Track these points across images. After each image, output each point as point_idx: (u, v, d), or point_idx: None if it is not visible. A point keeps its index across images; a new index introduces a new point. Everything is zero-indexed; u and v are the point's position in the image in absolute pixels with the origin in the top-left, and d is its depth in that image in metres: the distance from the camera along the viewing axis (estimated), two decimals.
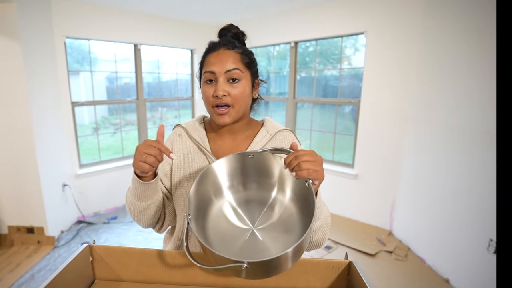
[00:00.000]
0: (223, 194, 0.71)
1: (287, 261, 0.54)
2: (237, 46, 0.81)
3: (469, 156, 2.05)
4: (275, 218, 0.67)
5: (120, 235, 2.96)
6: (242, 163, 0.71)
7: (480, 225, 1.95)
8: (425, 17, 2.46)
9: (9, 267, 2.38)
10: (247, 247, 0.62)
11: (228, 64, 0.77)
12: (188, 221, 0.59)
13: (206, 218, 0.67)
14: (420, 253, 2.52)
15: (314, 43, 3.45)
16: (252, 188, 0.72)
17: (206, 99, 0.79)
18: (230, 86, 0.77)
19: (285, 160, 0.63)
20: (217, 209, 0.69)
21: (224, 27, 0.87)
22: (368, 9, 2.80)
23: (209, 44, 0.84)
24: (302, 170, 0.60)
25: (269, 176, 0.70)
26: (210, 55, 0.80)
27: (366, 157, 3.06)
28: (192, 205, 0.63)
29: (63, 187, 3.00)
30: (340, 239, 2.80)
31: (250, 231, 0.65)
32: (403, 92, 2.71)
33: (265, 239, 0.64)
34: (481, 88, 1.94)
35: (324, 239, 0.78)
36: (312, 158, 0.61)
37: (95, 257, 0.73)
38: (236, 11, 3.39)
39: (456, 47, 2.17)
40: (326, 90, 3.63)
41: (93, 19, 3.07)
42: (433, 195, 2.41)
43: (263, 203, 0.70)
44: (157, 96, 4.11)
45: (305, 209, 0.63)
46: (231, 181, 0.72)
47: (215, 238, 0.64)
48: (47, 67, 2.77)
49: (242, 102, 0.80)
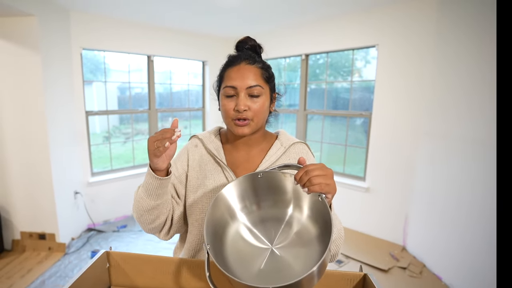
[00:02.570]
0: (237, 217, 0.71)
1: (313, 279, 0.53)
2: (257, 60, 0.82)
3: (485, 169, 2.00)
4: (293, 235, 0.66)
5: (129, 243, 2.96)
6: (252, 183, 0.70)
7: None
8: (439, 28, 2.46)
9: (21, 273, 2.39)
10: (268, 267, 0.61)
11: (250, 80, 0.78)
12: (208, 250, 0.58)
13: (223, 242, 0.67)
14: (436, 270, 2.44)
15: (325, 56, 3.47)
16: (267, 206, 0.71)
17: (226, 112, 0.80)
18: (251, 101, 0.78)
19: (295, 176, 0.62)
20: (233, 232, 0.69)
21: (241, 39, 0.88)
22: (380, 22, 2.82)
23: (229, 57, 0.84)
24: (314, 185, 0.59)
25: (283, 193, 0.70)
26: (230, 69, 0.80)
27: (378, 170, 3.02)
28: (209, 232, 0.62)
29: (75, 194, 3.03)
30: (352, 253, 2.74)
31: (269, 250, 0.64)
32: (415, 104, 2.69)
33: (285, 257, 0.62)
34: (495, 100, 1.91)
35: (337, 252, 0.78)
36: (323, 172, 0.60)
37: (111, 263, 0.73)
38: (247, 24, 3.46)
39: (471, 58, 2.15)
40: (337, 102, 3.63)
41: (108, 31, 3.17)
42: (448, 209, 2.34)
43: (279, 220, 0.69)
44: (168, 107, 4.17)
45: (321, 224, 0.63)
46: (243, 203, 0.71)
47: (234, 261, 0.63)
48: (64, 77, 2.86)
49: (261, 116, 0.81)
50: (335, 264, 2.60)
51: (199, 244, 0.86)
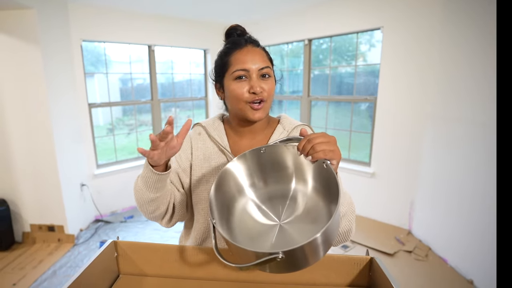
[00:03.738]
0: (245, 193, 0.70)
1: (318, 249, 0.52)
2: (259, 44, 0.82)
3: (490, 153, 1.97)
4: (300, 209, 0.65)
5: (137, 233, 3.00)
6: (257, 159, 0.69)
7: None
8: (445, 9, 2.39)
9: (32, 264, 2.45)
10: (277, 242, 0.60)
11: (260, 62, 0.77)
12: (214, 225, 0.57)
13: (230, 220, 0.66)
14: (442, 253, 2.45)
15: (328, 40, 3.40)
16: (272, 183, 0.70)
17: (239, 96, 0.77)
18: (264, 82, 0.77)
19: (298, 146, 0.62)
20: (241, 209, 0.68)
21: (231, 26, 0.87)
22: (385, 3, 2.74)
23: (232, 40, 0.82)
24: (318, 152, 0.59)
25: (285, 168, 0.68)
26: (237, 52, 0.78)
27: (383, 155, 3.00)
28: (215, 208, 0.61)
29: (81, 187, 3.07)
30: (358, 238, 2.75)
31: (277, 226, 0.64)
32: (421, 88, 2.64)
33: (293, 232, 0.62)
34: None
35: (351, 228, 0.74)
36: (326, 139, 0.60)
37: (119, 253, 0.74)
38: (249, 10, 3.39)
39: (478, 40, 2.09)
40: (341, 87, 3.59)
41: (108, 22, 3.13)
42: (454, 193, 2.33)
43: (285, 196, 0.68)
44: (170, 97, 4.15)
45: (328, 194, 0.61)
46: (252, 179, 0.70)
47: (243, 238, 0.63)
48: (65, 70, 2.84)
49: (272, 98, 0.81)
50: (341, 249, 2.62)
51: (205, 232, 0.86)
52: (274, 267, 0.52)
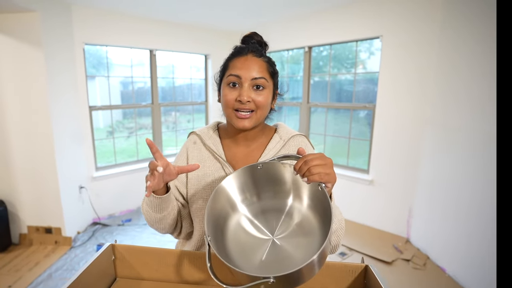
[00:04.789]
0: (237, 209, 0.71)
1: (313, 269, 0.53)
2: (263, 54, 0.82)
3: (489, 161, 1.98)
4: (294, 225, 0.66)
5: (134, 237, 2.99)
6: (252, 175, 0.70)
7: None
8: (443, 20, 2.42)
9: (28, 266, 2.44)
10: (270, 257, 0.61)
11: (255, 71, 0.77)
12: (208, 242, 0.58)
13: (224, 234, 0.67)
14: (440, 262, 2.44)
15: (328, 48, 3.43)
16: (267, 197, 0.71)
17: (227, 102, 0.78)
18: (254, 93, 0.77)
19: (294, 166, 0.62)
20: (234, 224, 0.69)
21: (248, 34, 0.87)
22: (384, 13, 2.77)
23: (236, 48, 0.83)
24: (314, 175, 0.59)
25: (283, 184, 0.69)
26: (236, 59, 0.79)
27: (381, 162, 3.01)
28: (210, 225, 0.63)
29: (80, 189, 3.06)
30: (355, 245, 2.75)
31: (270, 240, 0.64)
32: (420, 97, 2.66)
33: (287, 248, 0.63)
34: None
35: (338, 243, 0.77)
36: (322, 161, 0.60)
37: (117, 256, 0.74)
38: (250, 17, 3.43)
39: (476, 50, 2.11)
40: (340, 94, 3.61)
41: (111, 26, 3.16)
42: (452, 202, 2.34)
43: (280, 211, 0.69)
44: (171, 101, 4.17)
45: (322, 213, 0.63)
46: (244, 195, 0.71)
47: (236, 252, 0.63)
48: (67, 73, 2.86)
49: (264, 110, 0.80)
50: (339, 257, 2.61)
51: (201, 240, 0.87)
52: (269, 286, 0.53)
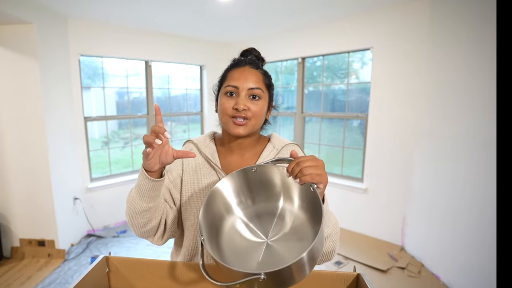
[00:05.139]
0: (233, 212, 0.72)
1: (304, 268, 0.54)
2: (260, 67, 0.86)
3: (482, 169, 2.02)
4: (287, 228, 0.67)
5: (129, 249, 2.96)
6: (246, 178, 0.71)
7: None
8: (431, 31, 2.49)
9: (20, 280, 2.39)
10: (266, 260, 0.62)
11: (252, 82, 0.81)
12: (202, 242, 0.59)
13: (219, 237, 0.68)
14: (434, 270, 2.45)
15: (322, 58, 3.50)
16: (261, 201, 0.72)
17: (224, 109, 0.81)
18: (250, 102, 0.81)
19: (287, 168, 0.65)
20: (229, 227, 0.70)
21: (247, 49, 0.91)
22: (374, 25, 2.85)
23: (234, 60, 0.88)
24: (305, 176, 0.61)
25: (273, 187, 0.71)
26: (234, 70, 0.84)
27: (375, 171, 3.04)
28: (204, 226, 0.63)
29: (74, 200, 3.04)
30: (351, 254, 2.75)
31: (265, 244, 0.65)
32: (411, 106, 2.72)
33: (280, 250, 0.63)
34: (491, 98, 1.94)
35: (334, 248, 0.77)
36: (314, 163, 0.62)
37: (111, 268, 0.75)
38: (244, 29, 3.49)
39: (462, 59, 2.18)
40: (334, 104, 3.66)
41: (106, 37, 3.20)
42: (446, 209, 2.36)
43: (272, 214, 0.70)
44: (166, 111, 4.19)
45: (314, 215, 0.63)
46: (239, 198, 0.72)
47: (231, 255, 0.64)
48: (62, 84, 2.87)
49: (258, 119, 0.83)
50: (335, 265, 2.61)
51: (195, 249, 0.87)
52: (262, 285, 0.54)
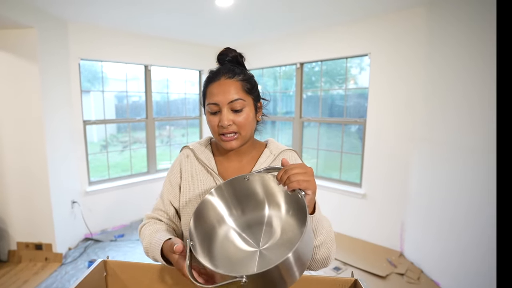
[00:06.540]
0: (225, 222, 0.73)
1: (292, 270, 0.53)
2: (237, 73, 0.81)
3: (480, 174, 2.03)
4: (277, 234, 0.68)
5: (127, 253, 2.95)
6: (233, 190, 0.73)
7: None
8: (429, 37, 2.52)
9: (16, 284, 2.37)
10: (260, 269, 0.62)
11: (231, 94, 0.78)
12: (191, 247, 0.60)
13: (212, 247, 0.68)
14: (434, 276, 2.45)
15: (320, 63, 3.53)
16: (249, 210, 0.74)
17: (212, 128, 0.82)
18: (234, 115, 0.79)
19: (277, 176, 0.66)
20: (222, 237, 0.71)
21: (222, 52, 0.87)
22: (372, 32, 2.88)
23: (210, 73, 0.85)
24: (292, 182, 0.62)
25: (256, 195, 0.73)
26: (211, 85, 0.81)
27: (373, 176, 3.04)
28: (197, 236, 0.65)
29: (72, 204, 3.03)
30: (349, 260, 2.74)
31: (258, 252, 0.66)
32: (409, 111, 2.73)
33: (273, 257, 0.64)
34: (488, 105, 1.95)
35: (329, 255, 0.76)
36: (301, 170, 0.63)
37: (109, 272, 0.75)
38: (243, 34, 3.52)
39: (460, 65, 2.20)
40: (332, 109, 3.68)
41: (106, 42, 3.22)
42: (445, 214, 2.37)
43: (261, 222, 0.71)
44: (165, 115, 4.20)
45: (302, 220, 0.64)
46: (230, 209, 0.74)
47: (224, 265, 0.65)
48: (62, 87, 2.88)
49: (247, 128, 0.82)
50: (333, 271, 2.60)
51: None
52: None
